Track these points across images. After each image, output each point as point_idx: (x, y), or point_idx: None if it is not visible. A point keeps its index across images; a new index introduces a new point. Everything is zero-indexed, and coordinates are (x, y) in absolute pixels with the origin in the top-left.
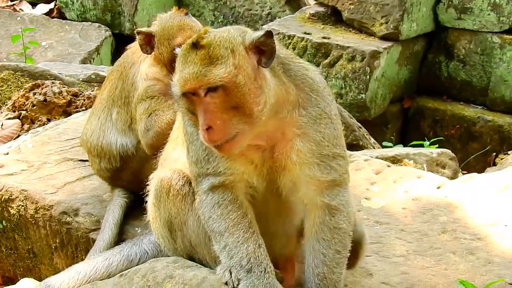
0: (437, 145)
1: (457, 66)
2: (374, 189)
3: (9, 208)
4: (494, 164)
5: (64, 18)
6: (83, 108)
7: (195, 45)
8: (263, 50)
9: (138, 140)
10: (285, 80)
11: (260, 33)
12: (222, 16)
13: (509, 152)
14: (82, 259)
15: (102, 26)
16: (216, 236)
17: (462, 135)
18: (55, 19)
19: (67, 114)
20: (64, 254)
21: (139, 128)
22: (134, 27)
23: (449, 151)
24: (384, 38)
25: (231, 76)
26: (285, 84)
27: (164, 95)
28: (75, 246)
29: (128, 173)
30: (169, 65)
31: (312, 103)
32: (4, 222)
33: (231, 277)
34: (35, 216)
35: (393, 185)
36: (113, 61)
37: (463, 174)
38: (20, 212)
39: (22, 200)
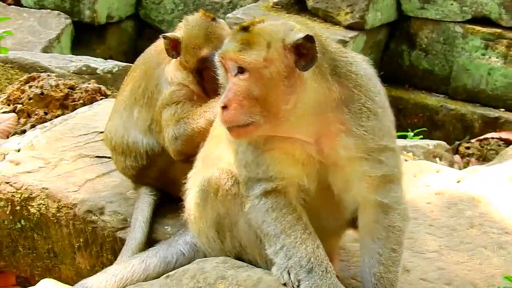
0: (421, 136)
1: (420, 55)
2: None
3: (29, 207)
4: (457, 153)
5: (20, 5)
6: (81, 101)
7: (244, 29)
8: (303, 53)
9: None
10: (330, 78)
11: (300, 35)
12: (182, 4)
13: (472, 141)
14: (108, 259)
15: (62, 13)
16: (271, 239)
17: (425, 124)
18: (12, 6)
19: (64, 107)
20: (88, 254)
21: (165, 134)
22: (95, 15)
23: (445, 143)
24: (349, 27)
25: (258, 66)
26: (328, 82)
27: (190, 100)
28: (100, 246)
29: (154, 170)
30: (195, 72)
31: (354, 99)
32: (23, 221)
33: (290, 278)
34: (57, 215)
35: (413, 179)
36: (73, 49)
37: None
38: (41, 211)
39: (43, 199)
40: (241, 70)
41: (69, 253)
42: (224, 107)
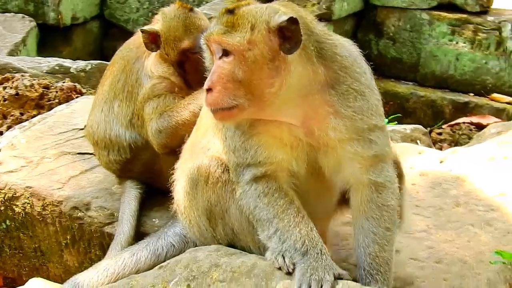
0: (396, 122)
1: (387, 43)
2: None
3: (14, 207)
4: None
5: None
6: (56, 100)
7: (230, 11)
8: (287, 35)
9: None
10: (315, 61)
11: (284, 17)
12: (147, 2)
13: (443, 126)
14: (96, 254)
15: (26, 16)
16: (264, 223)
17: (396, 111)
18: None
19: (40, 107)
20: (75, 251)
21: (149, 128)
22: (59, 16)
23: (421, 126)
24: (316, 18)
25: (242, 48)
26: (314, 64)
27: (171, 93)
28: (88, 242)
29: (139, 164)
30: (176, 64)
31: (340, 81)
32: (7, 221)
33: (284, 261)
34: (43, 213)
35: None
36: (39, 52)
37: None
38: (26, 210)
39: (28, 198)
40: (225, 53)
41: (56, 251)
42: (209, 90)
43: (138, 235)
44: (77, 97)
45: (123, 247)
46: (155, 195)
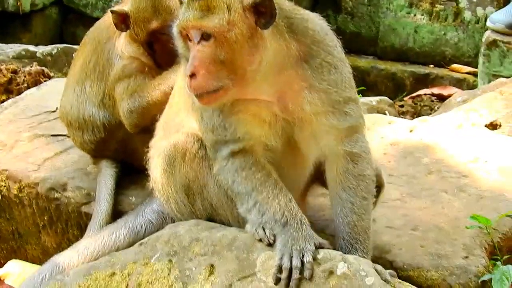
0: (360, 95)
1: (345, 18)
2: None
3: None
4: None
5: None
6: (25, 85)
7: None
8: (262, 11)
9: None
10: (287, 36)
11: None
12: None
13: (405, 98)
14: (74, 235)
15: None
16: (243, 197)
17: (357, 86)
18: None
19: (9, 92)
20: (53, 232)
21: (121, 108)
22: (18, 3)
23: (387, 98)
24: None
25: (222, 29)
26: (286, 40)
27: (142, 73)
28: (66, 222)
29: (113, 143)
30: (146, 45)
31: (313, 55)
32: None
33: (265, 233)
34: (20, 195)
35: (367, 132)
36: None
37: None
38: (3, 193)
39: (4, 180)
40: (204, 37)
41: (34, 233)
42: (192, 75)
43: (116, 213)
44: (45, 81)
45: (102, 226)
46: (131, 173)
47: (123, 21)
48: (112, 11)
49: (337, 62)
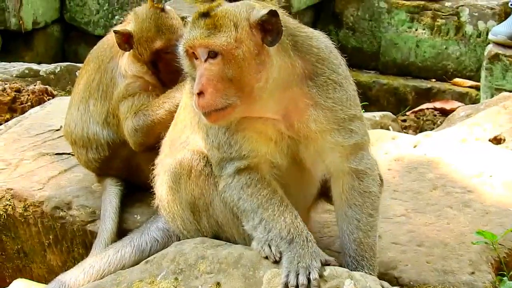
0: (363, 110)
1: (347, 33)
2: None
3: None
4: None
5: None
6: (29, 103)
7: (205, 15)
8: (268, 28)
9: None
10: (292, 54)
11: (264, 11)
12: (107, 4)
13: (408, 113)
14: (79, 253)
15: None
16: (249, 214)
17: (360, 100)
18: None
19: (12, 110)
20: (58, 250)
21: (125, 127)
22: (21, 22)
23: (390, 113)
24: None
25: (230, 47)
26: (291, 57)
27: (146, 91)
28: (71, 241)
29: (118, 161)
30: (150, 64)
31: (317, 73)
32: None
33: (271, 251)
34: (25, 214)
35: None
36: (2, 58)
37: None
38: (8, 212)
39: (9, 199)
40: (212, 55)
41: (39, 252)
42: (200, 93)
43: (121, 232)
44: (49, 99)
45: (107, 244)
46: (136, 191)
47: (126, 41)
48: (115, 31)
49: (342, 80)
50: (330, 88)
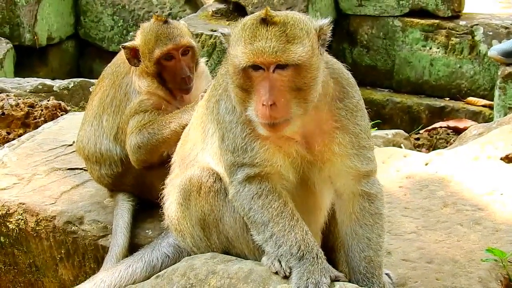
0: (376, 128)
1: (361, 51)
2: None
3: (7, 223)
4: None
5: None
6: (42, 118)
7: (265, 21)
8: (322, 38)
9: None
10: (326, 71)
11: (325, 20)
12: (121, 20)
13: (421, 131)
14: (91, 267)
15: (2, 38)
16: (259, 227)
17: (373, 119)
18: None
19: (26, 126)
20: (70, 265)
21: (128, 143)
22: (35, 37)
23: (402, 131)
24: None
25: (308, 57)
26: (325, 75)
27: (158, 109)
28: (83, 255)
29: (130, 177)
30: (156, 76)
31: (348, 96)
32: (2, 238)
33: (281, 266)
34: (37, 228)
35: (382, 165)
36: (16, 73)
37: None
38: (20, 226)
39: (21, 214)
40: (281, 66)
41: (51, 266)
42: (272, 105)
43: (132, 247)
44: (62, 115)
45: (118, 259)
46: (147, 207)
47: (134, 55)
48: (123, 47)
49: (364, 109)
50: (358, 114)
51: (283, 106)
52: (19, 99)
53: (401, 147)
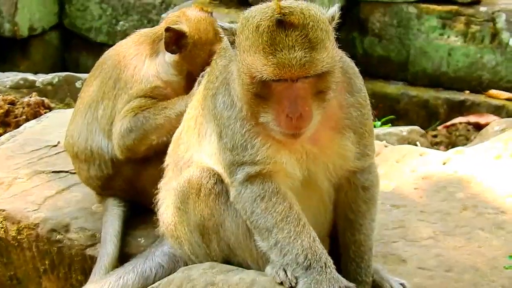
0: (390, 124)
1: (373, 41)
2: (379, 171)
3: None
4: None
5: None
6: (23, 116)
7: (282, 24)
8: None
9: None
10: None
11: (335, 8)
12: (110, 9)
13: (438, 128)
14: (78, 280)
15: None
16: (263, 232)
17: (386, 114)
18: None
19: (6, 125)
20: (55, 277)
21: (119, 125)
22: (15, 28)
23: (418, 127)
24: None
25: (333, 62)
26: None
27: (166, 99)
28: (69, 266)
29: (120, 181)
30: (188, 75)
31: (356, 89)
32: None
33: (287, 276)
34: (18, 237)
35: (396, 165)
36: None
37: None
38: (0, 235)
39: (1, 222)
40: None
41: (34, 278)
42: (299, 116)
43: (123, 256)
44: (45, 112)
45: (108, 270)
46: (139, 213)
47: (176, 41)
48: (168, 28)
49: (369, 102)
50: (366, 111)
51: (308, 115)
52: None
53: (416, 145)
